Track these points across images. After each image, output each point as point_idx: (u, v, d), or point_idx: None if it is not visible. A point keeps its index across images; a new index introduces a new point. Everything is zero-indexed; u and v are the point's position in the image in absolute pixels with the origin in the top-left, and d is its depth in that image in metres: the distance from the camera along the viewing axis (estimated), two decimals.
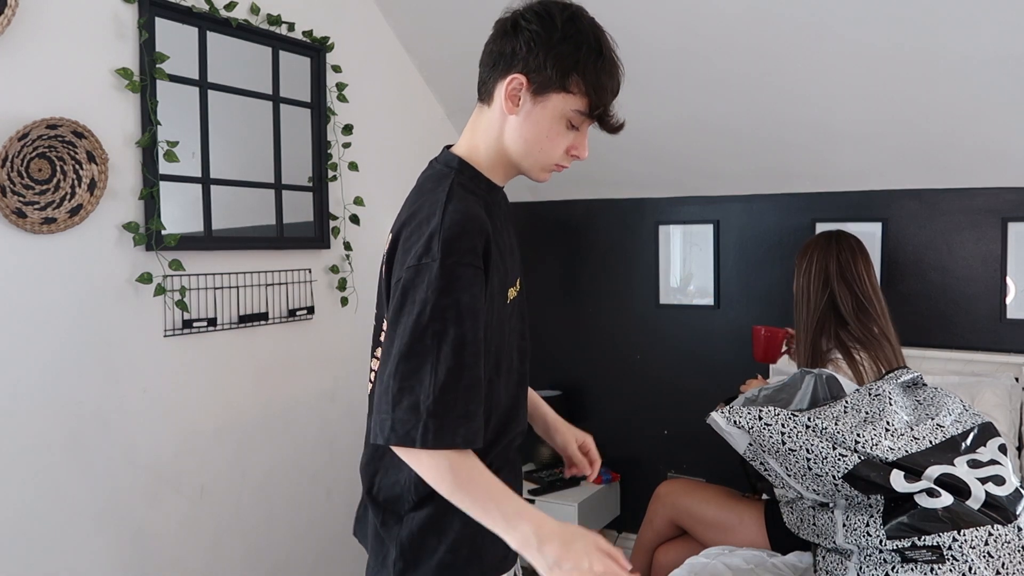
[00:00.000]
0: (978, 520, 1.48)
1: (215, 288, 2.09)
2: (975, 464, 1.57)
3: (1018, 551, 1.47)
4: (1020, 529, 1.50)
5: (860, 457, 1.55)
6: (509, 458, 1.27)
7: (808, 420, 1.62)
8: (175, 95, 1.98)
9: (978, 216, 2.37)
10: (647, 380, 2.97)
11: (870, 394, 1.70)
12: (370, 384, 1.25)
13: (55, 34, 1.73)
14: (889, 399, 1.68)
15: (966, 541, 1.46)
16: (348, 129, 2.48)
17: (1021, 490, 1.57)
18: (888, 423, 1.62)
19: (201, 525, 2.08)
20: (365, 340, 1.70)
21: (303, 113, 2.35)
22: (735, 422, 1.67)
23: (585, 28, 1.13)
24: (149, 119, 1.89)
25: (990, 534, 1.47)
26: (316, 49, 2.36)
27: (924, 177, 2.40)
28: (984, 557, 1.45)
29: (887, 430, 1.60)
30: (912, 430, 1.62)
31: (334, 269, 2.46)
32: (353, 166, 2.52)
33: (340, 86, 2.46)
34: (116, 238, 1.87)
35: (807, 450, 1.59)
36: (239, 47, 2.15)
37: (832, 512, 1.66)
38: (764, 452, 1.67)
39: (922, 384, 1.84)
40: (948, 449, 1.59)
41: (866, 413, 1.65)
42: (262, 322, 2.22)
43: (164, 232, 1.93)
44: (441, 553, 1.16)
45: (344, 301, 2.51)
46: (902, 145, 2.31)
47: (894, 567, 1.52)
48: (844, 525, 1.62)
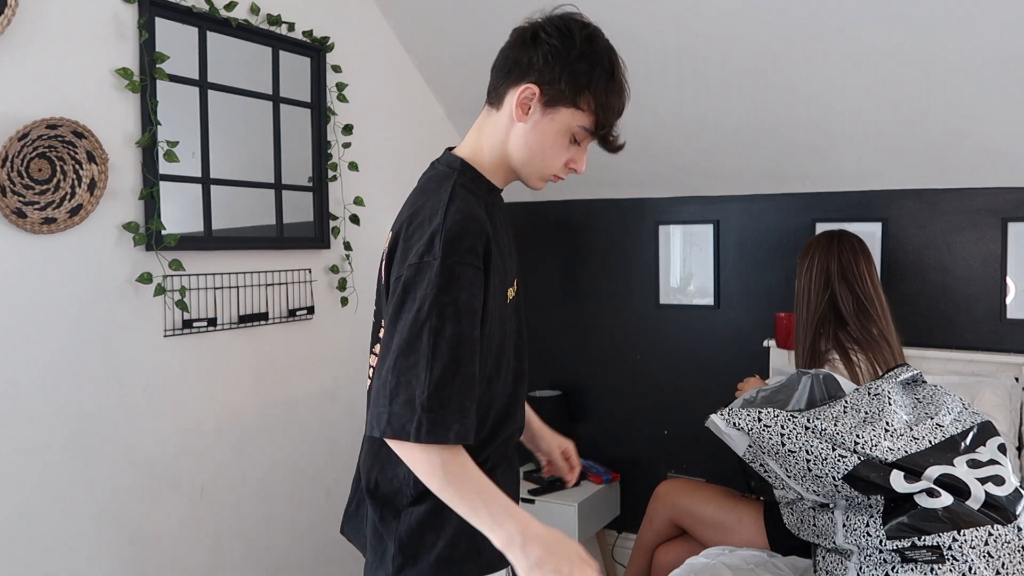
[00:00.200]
0: (978, 520, 1.48)
1: (215, 288, 2.09)
2: (975, 464, 1.57)
3: (1018, 551, 1.47)
4: (1020, 529, 1.50)
5: (860, 458, 1.55)
6: (506, 455, 1.29)
7: (807, 421, 1.62)
8: (175, 95, 1.98)
9: (978, 216, 2.37)
10: (647, 380, 2.97)
11: (869, 394, 1.70)
12: (369, 380, 1.27)
13: (55, 34, 1.73)
14: (888, 399, 1.68)
15: (966, 541, 1.47)
16: (348, 129, 2.48)
17: (1021, 490, 1.57)
18: (887, 423, 1.62)
19: (201, 525, 2.08)
20: (365, 340, 1.71)
21: (303, 113, 2.35)
22: (734, 424, 1.67)
23: (601, 50, 1.18)
24: (149, 119, 1.89)
25: (990, 534, 1.47)
26: (316, 49, 2.36)
27: (924, 177, 2.40)
28: (984, 557, 1.45)
29: (886, 430, 1.60)
30: (912, 430, 1.62)
31: (334, 269, 2.46)
32: (353, 166, 2.52)
33: (340, 86, 2.46)
34: (116, 238, 1.87)
35: (807, 451, 1.59)
36: (239, 47, 2.15)
37: (832, 512, 1.66)
38: (764, 454, 1.67)
39: (922, 382, 1.84)
40: (948, 449, 1.59)
41: (865, 413, 1.65)
42: (262, 322, 2.22)
43: (164, 232, 1.93)
44: (439, 548, 1.18)
45: (344, 301, 2.51)
46: (902, 145, 2.31)
47: (894, 567, 1.52)
48: (844, 525, 1.62)
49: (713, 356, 2.81)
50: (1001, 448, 1.64)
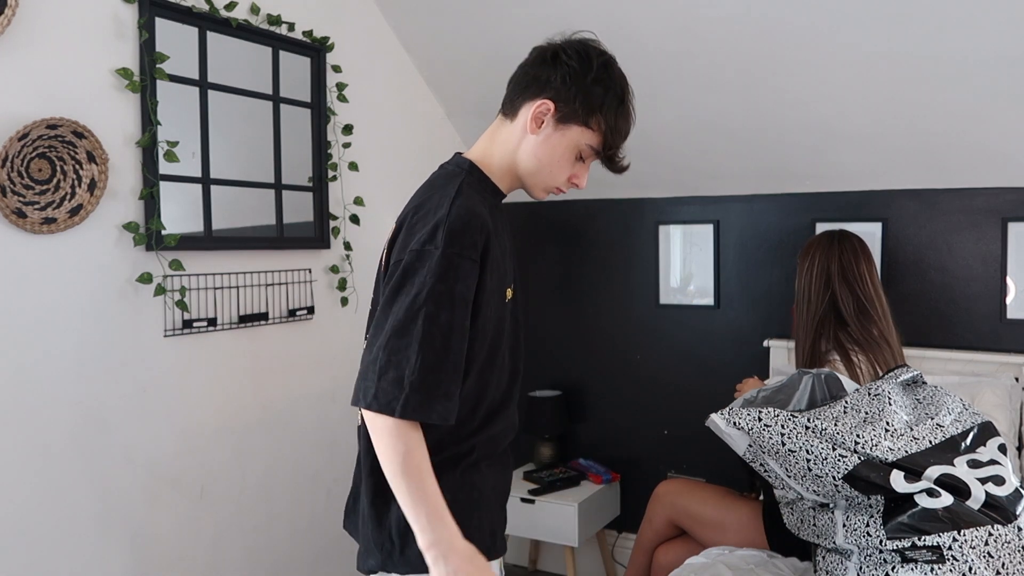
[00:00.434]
0: (978, 520, 1.48)
1: (215, 288, 2.09)
2: (975, 464, 1.57)
3: (1018, 551, 1.47)
4: (1020, 529, 1.50)
5: (860, 458, 1.55)
6: (495, 452, 1.32)
7: (808, 421, 1.62)
8: (175, 95, 1.97)
9: (978, 216, 2.37)
10: (647, 380, 2.97)
11: (869, 394, 1.71)
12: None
13: (55, 34, 1.73)
14: (888, 399, 1.68)
15: (966, 541, 1.47)
16: (348, 129, 2.48)
17: (1021, 490, 1.57)
18: (888, 423, 1.62)
19: (201, 525, 2.08)
20: (365, 340, 1.70)
21: (303, 113, 2.35)
22: (735, 423, 1.67)
23: (615, 77, 1.27)
24: (149, 119, 1.89)
25: (990, 534, 1.47)
26: (316, 49, 2.36)
27: (924, 177, 2.40)
28: (984, 557, 1.45)
29: (887, 430, 1.60)
30: (912, 430, 1.62)
31: (334, 269, 2.46)
32: (353, 166, 2.52)
33: (340, 86, 2.46)
34: (116, 238, 1.87)
35: (807, 451, 1.59)
36: (239, 47, 2.15)
37: (832, 512, 1.66)
38: (764, 453, 1.67)
39: (922, 382, 1.84)
40: (948, 449, 1.59)
41: (865, 413, 1.65)
42: (262, 322, 2.22)
43: (164, 232, 1.93)
44: None
45: (344, 301, 2.51)
46: (902, 145, 2.31)
47: (894, 567, 1.52)
48: (844, 525, 1.62)
49: (713, 356, 2.81)
50: (1001, 448, 1.64)
